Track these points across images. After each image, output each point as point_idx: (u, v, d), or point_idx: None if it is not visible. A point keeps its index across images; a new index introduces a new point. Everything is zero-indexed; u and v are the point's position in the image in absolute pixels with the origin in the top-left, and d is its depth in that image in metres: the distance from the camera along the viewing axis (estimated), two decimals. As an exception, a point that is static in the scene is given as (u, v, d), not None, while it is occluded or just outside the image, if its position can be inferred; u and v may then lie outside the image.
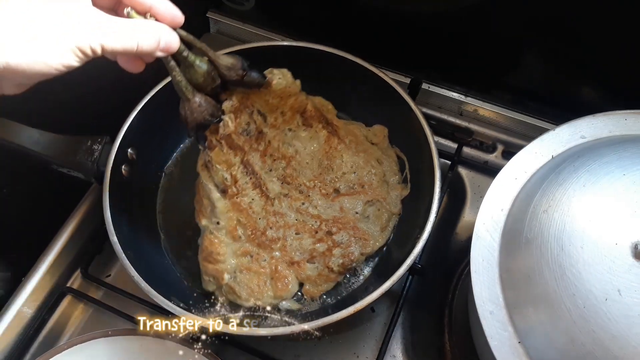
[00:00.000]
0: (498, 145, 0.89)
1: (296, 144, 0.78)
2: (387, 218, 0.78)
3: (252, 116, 0.73)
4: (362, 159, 0.80)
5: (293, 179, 0.77)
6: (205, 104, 0.64)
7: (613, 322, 0.47)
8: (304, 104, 0.78)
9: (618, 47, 0.73)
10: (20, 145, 0.71)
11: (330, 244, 0.74)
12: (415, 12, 0.83)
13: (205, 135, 0.69)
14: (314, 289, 0.74)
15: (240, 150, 0.72)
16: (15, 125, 0.71)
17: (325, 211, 0.76)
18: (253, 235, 0.73)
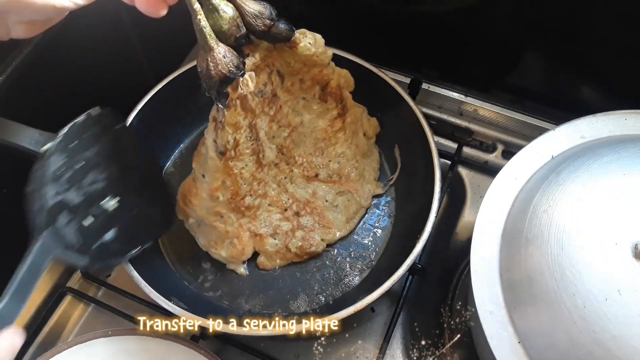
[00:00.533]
0: (498, 145, 0.89)
1: (304, 115, 0.75)
2: (354, 210, 0.79)
3: (270, 76, 0.67)
4: (351, 150, 0.80)
5: (289, 150, 0.76)
6: (229, 54, 0.58)
7: (613, 322, 0.47)
8: (328, 79, 0.73)
9: (618, 47, 0.73)
10: (20, 145, 0.71)
11: (295, 224, 0.76)
12: (415, 12, 0.83)
13: (227, 92, 0.61)
14: (267, 262, 0.76)
15: (251, 113, 0.66)
16: (15, 125, 0.71)
17: (299, 192, 0.77)
18: (231, 200, 0.71)
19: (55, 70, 0.78)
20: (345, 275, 0.77)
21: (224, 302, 0.75)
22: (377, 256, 0.78)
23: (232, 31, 0.58)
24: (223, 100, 0.61)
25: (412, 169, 0.80)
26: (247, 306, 0.75)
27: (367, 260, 0.78)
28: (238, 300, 0.76)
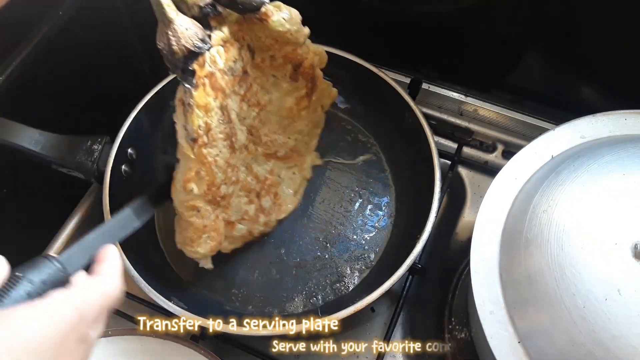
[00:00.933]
0: (498, 145, 0.89)
1: (273, 93, 0.70)
2: (299, 183, 0.79)
3: (240, 52, 0.61)
4: (307, 127, 0.78)
5: (256, 130, 0.71)
6: (193, 26, 0.52)
7: (613, 322, 0.47)
8: (302, 58, 0.68)
9: (618, 47, 0.73)
10: (20, 145, 0.71)
11: (258, 207, 0.73)
12: (415, 12, 0.83)
13: (193, 69, 0.54)
14: (229, 245, 0.73)
15: (222, 93, 0.60)
16: (15, 125, 0.71)
17: (260, 170, 0.74)
18: (208, 192, 0.64)
19: (56, 70, 0.78)
20: (345, 275, 0.77)
21: (224, 302, 0.75)
22: (377, 256, 0.78)
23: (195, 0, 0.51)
24: (190, 79, 0.54)
25: (412, 169, 0.80)
26: (247, 306, 0.75)
27: (366, 260, 0.78)
28: (238, 300, 0.76)
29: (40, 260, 0.44)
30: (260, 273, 0.77)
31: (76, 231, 0.82)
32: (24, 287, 0.41)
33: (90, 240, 0.51)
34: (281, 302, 0.75)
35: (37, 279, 0.42)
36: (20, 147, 0.71)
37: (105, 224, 0.55)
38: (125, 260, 0.67)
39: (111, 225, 0.56)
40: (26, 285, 0.41)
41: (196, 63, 0.54)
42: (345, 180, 0.84)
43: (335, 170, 0.85)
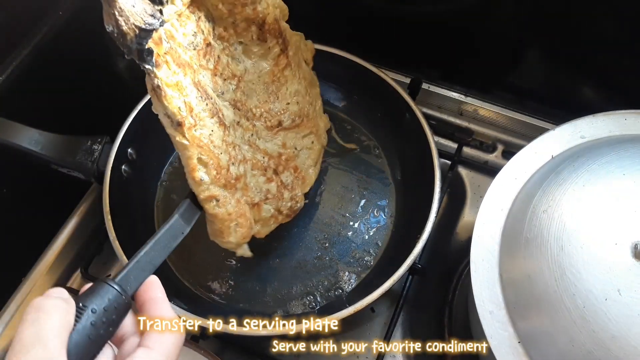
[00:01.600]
0: (498, 145, 0.89)
1: (246, 61, 0.67)
2: (318, 151, 0.76)
3: (198, 24, 0.58)
4: (302, 86, 0.73)
5: (242, 104, 0.67)
6: (139, 2, 0.48)
7: (613, 322, 0.47)
8: (264, 15, 0.64)
9: (618, 47, 0.73)
10: (20, 145, 0.71)
11: (279, 183, 0.70)
12: (415, 12, 0.83)
13: (150, 48, 0.51)
14: (262, 229, 0.71)
15: (189, 68, 0.57)
16: (15, 125, 0.71)
17: (269, 146, 0.70)
18: (219, 175, 0.60)
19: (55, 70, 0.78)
20: (345, 276, 0.77)
21: (223, 302, 0.75)
22: (377, 256, 0.78)
23: None
24: (149, 59, 0.51)
25: (412, 169, 0.80)
26: (247, 306, 0.75)
27: (366, 260, 0.78)
28: (238, 300, 0.76)
29: (99, 286, 0.44)
30: (260, 273, 0.77)
31: (76, 231, 0.82)
32: (89, 318, 0.41)
33: (145, 256, 0.50)
34: (281, 302, 0.75)
35: (100, 307, 0.42)
36: (20, 147, 0.71)
37: (157, 236, 0.53)
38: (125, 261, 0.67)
39: (162, 235, 0.54)
40: (90, 315, 0.42)
41: (152, 41, 0.51)
42: (346, 180, 0.84)
43: (336, 170, 0.85)
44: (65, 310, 0.40)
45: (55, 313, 0.39)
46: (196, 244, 0.80)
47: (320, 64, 0.82)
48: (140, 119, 0.79)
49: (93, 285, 0.44)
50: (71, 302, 0.41)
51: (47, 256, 0.79)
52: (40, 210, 0.82)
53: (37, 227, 0.81)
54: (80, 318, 0.41)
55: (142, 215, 0.81)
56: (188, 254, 0.79)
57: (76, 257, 0.83)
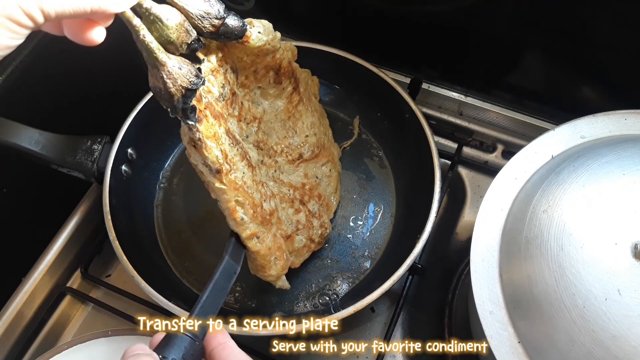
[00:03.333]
0: (498, 145, 0.89)
1: (264, 103, 0.70)
2: (336, 178, 0.79)
3: (225, 76, 0.61)
4: (315, 117, 0.77)
5: (264, 144, 0.71)
6: (184, 65, 0.51)
7: (613, 322, 0.47)
8: (281, 61, 0.68)
9: (618, 46, 0.73)
10: (19, 145, 0.71)
11: (307, 213, 0.73)
12: (415, 12, 0.83)
13: (194, 106, 0.54)
14: (296, 260, 0.73)
15: (222, 118, 0.60)
16: (15, 125, 0.71)
17: (293, 178, 0.74)
18: (255, 214, 0.63)
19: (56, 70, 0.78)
20: (346, 275, 0.77)
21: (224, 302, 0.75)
22: (377, 256, 0.78)
23: (182, 38, 0.50)
24: (193, 116, 0.54)
25: (412, 169, 0.80)
26: (246, 306, 0.75)
27: (367, 260, 0.78)
28: (238, 301, 0.76)
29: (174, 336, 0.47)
30: (260, 273, 0.78)
31: (76, 231, 0.82)
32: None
33: (207, 300, 0.54)
34: (281, 302, 0.75)
35: (179, 356, 0.46)
36: (20, 147, 0.71)
37: (213, 280, 0.56)
38: (125, 261, 0.68)
39: (218, 278, 0.57)
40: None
41: (195, 99, 0.54)
42: (346, 180, 0.84)
43: (335, 170, 0.85)
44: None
45: None
46: (196, 244, 0.80)
47: (321, 64, 0.82)
48: (140, 119, 0.79)
49: (167, 336, 0.47)
50: (155, 356, 0.44)
51: (47, 256, 0.79)
52: (40, 210, 0.82)
53: (37, 227, 0.81)
54: None
55: (142, 215, 0.81)
56: (188, 255, 0.79)
57: (76, 257, 0.83)
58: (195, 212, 0.83)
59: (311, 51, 0.83)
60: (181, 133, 0.58)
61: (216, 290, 0.56)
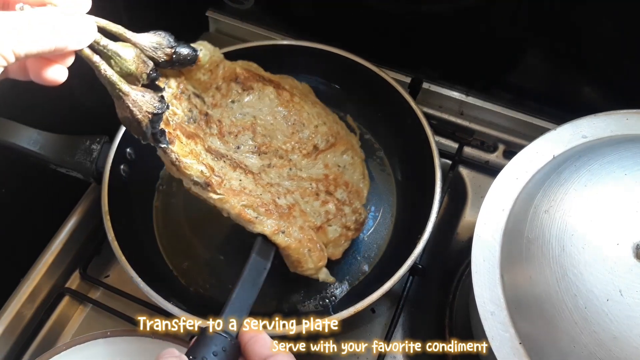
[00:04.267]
0: (499, 145, 0.89)
1: (248, 111, 0.71)
2: (361, 164, 0.78)
3: (190, 101, 0.64)
4: (320, 108, 0.77)
5: (268, 147, 0.71)
6: (146, 93, 0.54)
7: (614, 322, 0.47)
8: (233, 69, 0.71)
9: (619, 46, 0.72)
10: (18, 145, 0.71)
11: (336, 202, 0.73)
12: (415, 12, 0.83)
13: (163, 129, 0.57)
14: (335, 250, 0.73)
15: (198, 138, 0.63)
16: (14, 125, 0.71)
17: (313, 172, 0.74)
18: (268, 211, 0.65)
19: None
20: (345, 276, 0.76)
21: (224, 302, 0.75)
22: (377, 256, 0.78)
23: (141, 69, 0.54)
24: (163, 139, 0.58)
25: (413, 168, 0.80)
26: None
27: (367, 260, 0.77)
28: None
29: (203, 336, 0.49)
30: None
31: (75, 231, 0.81)
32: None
33: (237, 298, 0.56)
34: (281, 302, 0.75)
35: (209, 354, 0.47)
36: (19, 147, 0.71)
37: (241, 278, 0.58)
38: (124, 262, 0.67)
39: (246, 276, 0.59)
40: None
41: (162, 122, 0.57)
42: (346, 180, 0.84)
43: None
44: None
45: None
46: (195, 245, 0.80)
47: (320, 63, 0.82)
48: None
49: (198, 337, 0.49)
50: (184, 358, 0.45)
51: (45, 256, 0.79)
52: (39, 210, 0.82)
53: (36, 227, 0.81)
54: None
55: (140, 215, 0.81)
56: (187, 255, 0.79)
57: (75, 257, 0.82)
58: (194, 213, 0.83)
59: (311, 51, 0.82)
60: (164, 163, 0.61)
61: (246, 287, 0.58)
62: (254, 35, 0.98)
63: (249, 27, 0.98)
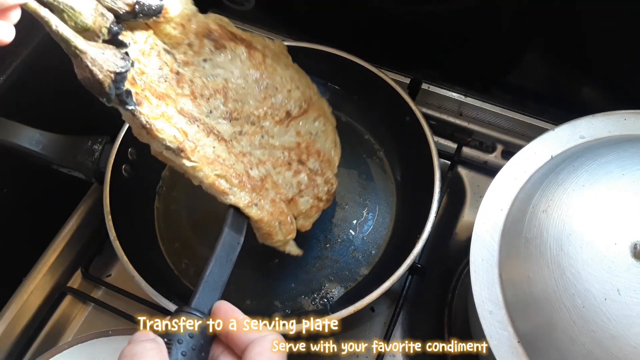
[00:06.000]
0: (497, 145, 0.89)
1: (220, 72, 0.66)
2: (332, 131, 0.75)
3: (160, 58, 0.59)
4: (294, 71, 0.72)
5: (239, 112, 0.66)
6: (107, 50, 0.49)
7: (612, 321, 0.47)
8: (206, 24, 0.64)
9: (618, 46, 0.73)
10: (20, 145, 0.71)
11: (309, 172, 0.70)
12: (415, 12, 0.83)
13: (128, 89, 0.52)
14: (305, 222, 0.71)
15: (169, 98, 0.58)
16: (15, 126, 0.71)
17: (285, 139, 0.70)
18: (242, 183, 0.61)
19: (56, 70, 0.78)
20: (345, 275, 0.77)
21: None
22: (376, 256, 0.78)
23: (99, 23, 0.49)
24: (130, 100, 0.52)
25: (412, 169, 0.80)
26: (247, 306, 0.75)
27: (366, 260, 0.78)
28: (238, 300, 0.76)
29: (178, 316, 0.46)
30: (259, 274, 0.78)
31: (77, 231, 0.82)
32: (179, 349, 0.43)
33: (210, 275, 0.52)
34: (280, 302, 0.75)
35: (185, 336, 0.44)
36: (20, 147, 0.71)
37: (215, 252, 0.54)
38: (126, 261, 0.68)
39: (219, 251, 0.55)
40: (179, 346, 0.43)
41: (127, 82, 0.52)
42: (346, 180, 0.84)
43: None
44: (157, 349, 0.41)
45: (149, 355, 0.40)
46: (197, 244, 0.80)
47: (320, 64, 0.82)
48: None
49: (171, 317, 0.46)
50: (159, 340, 0.42)
51: (47, 256, 0.79)
52: (40, 210, 0.82)
53: (38, 227, 0.81)
54: (171, 352, 0.42)
55: (142, 215, 0.82)
56: (189, 254, 0.80)
57: (77, 257, 0.83)
58: (195, 212, 0.83)
59: (311, 51, 0.83)
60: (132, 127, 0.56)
61: (219, 263, 0.54)
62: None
63: (249, 28, 0.98)
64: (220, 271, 0.53)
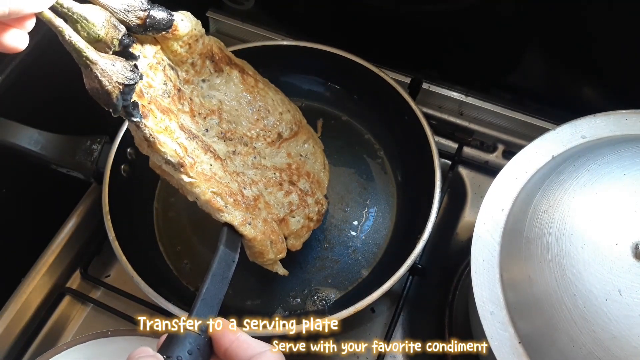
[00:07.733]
0: (498, 145, 0.89)
1: (215, 94, 0.68)
2: (321, 154, 0.77)
3: (165, 73, 0.60)
4: (284, 96, 0.75)
5: (233, 133, 0.68)
6: (117, 61, 0.50)
7: (614, 322, 0.47)
8: (211, 46, 0.67)
9: (619, 46, 0.72)
10: (19, 145, 0.71)
11: (300, 193, 0.72)
12: (415, 12, 0.83)
13: (135, 101, 0.53)
14: (296, 242, 0.72)
15: (172, 113, 0.59)
16: (14, 125, 0.71)
17: (276, 160, 0.72)
18: (236, 201, 0.63)
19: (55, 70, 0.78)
20: (345, 276, 0.76)
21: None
22: (377, 256, 0.78)
23: (111, 34, 0.50)
24: (136, 112, 0.53)
25: (413, 169, 0.80)
26: (246, 306, 0.75)
27: (367, 260, 0.77)
28: (238, 300, 0.75)
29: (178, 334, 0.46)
30: (259, 275, 0.77)
31: (75, 231, 0.82)
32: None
33: (207, 293, 0.53)
34: (280, 302, 0.75)
35: (184, 353, 0.45)
36: (19, 147, 0.71)
37: (210, 271, 0.55)
38: (125, 261, 0.67)
39: (215, 269, 0.55)
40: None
41: (135, 94, 0.53)
42: (346, 180, 0.84)
43: (336, 170, 0.85)
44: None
45: None
46: (196, 245, 0.80)
47: (320, 63, 0.82)
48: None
49: (170, 335, 0.46)
50: (159, 357, 0.42)
51: (46, 256, 0.79)
52: (39, 210, 0.82)
53: (37, 227, 0.81)
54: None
55: (141, 215, 0.81)
56: (188, 255, 0.79)
57: (76, 257, 0.83)
58: (194, 213, 0.83)
59: (311, 51, 0.83)
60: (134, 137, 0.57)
61: (216, 281, 0.54)
62: (254, 35, 0.98)
63: (249, 27, 0.98)
64: (216, 289, 0.54)
